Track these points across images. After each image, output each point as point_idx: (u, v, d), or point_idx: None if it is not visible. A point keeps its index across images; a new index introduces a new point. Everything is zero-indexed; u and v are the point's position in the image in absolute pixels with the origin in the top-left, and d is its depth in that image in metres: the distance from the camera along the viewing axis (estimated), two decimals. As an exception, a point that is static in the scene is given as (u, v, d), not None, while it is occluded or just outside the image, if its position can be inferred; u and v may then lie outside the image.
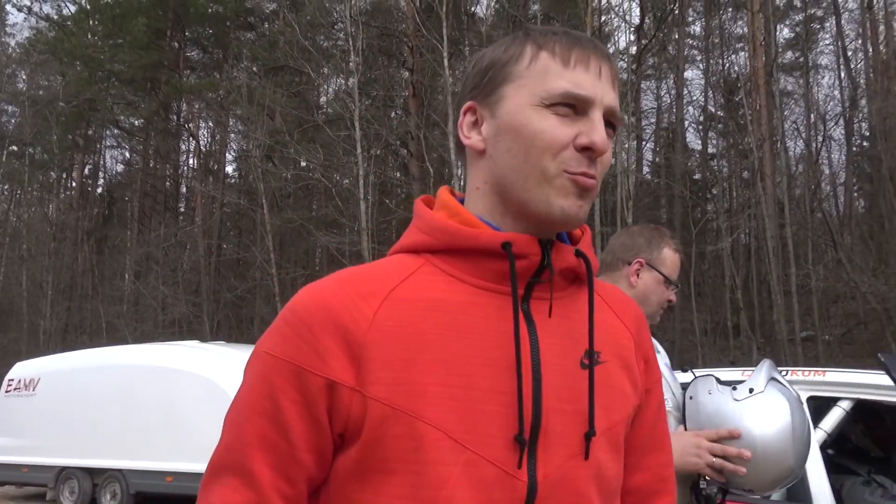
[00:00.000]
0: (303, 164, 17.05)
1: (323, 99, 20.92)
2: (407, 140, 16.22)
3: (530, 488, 0.73)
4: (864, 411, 2.86)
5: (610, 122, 0.80)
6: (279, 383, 0.74)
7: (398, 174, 18.51)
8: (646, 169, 22.99)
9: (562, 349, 0.79)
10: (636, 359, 0.87)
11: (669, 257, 1.94)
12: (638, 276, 1.91)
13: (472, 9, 19.83)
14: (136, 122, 24.62)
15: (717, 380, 1.64)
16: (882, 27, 18.80)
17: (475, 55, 0.87)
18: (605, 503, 0.80)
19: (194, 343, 9.07)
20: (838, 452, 3.00)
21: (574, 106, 0.77)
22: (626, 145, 17.86)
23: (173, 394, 7.80)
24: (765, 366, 1.66)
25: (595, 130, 0.77)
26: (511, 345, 0.75)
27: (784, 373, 3.04)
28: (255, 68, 19.99)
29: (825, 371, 2.82)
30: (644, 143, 22.84)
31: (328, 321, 0.74)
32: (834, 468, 2.98)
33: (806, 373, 2.92)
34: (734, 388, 1.62)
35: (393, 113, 17.52)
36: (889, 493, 2.93)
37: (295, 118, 17.16)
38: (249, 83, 17.73)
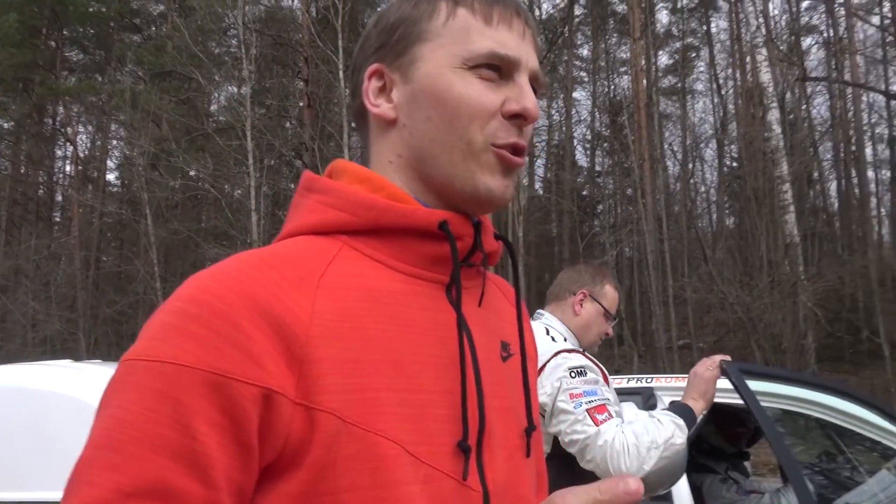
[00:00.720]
0: (192, 173, 16.44)
1: (214, 107, 20.28)
2: (301, 151, 15.99)
3: (485, 497, 0.65)
4: (717, 412, 3.14)
5: (534, 88, 0.72)
6: (191, 402, 0.54)
7: (292, 185, 18.20)
8: (537, 184, 23.82)
9: (487, 342, 0.72)
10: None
11: (610, 293, 2.20)
12: (582, 305, 2.16)
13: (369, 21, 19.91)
14: (6, 124, 22.86)
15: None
16: (749, 58, 20.46)
17: (377, 13, 0.76)
18: (537, 499, 0.75)
19: (67, 362, 8.49)
20: (698, 452, 3.26)
21: (499, 69, 0.69)
22: (519, 161, 18.47)
23: (43, 418, 7.28)
24: None
25: (525, 96, 0.69)
26: (453, 340, 0.67)
27: (650, 380, 3.28)
28: (140, 72, 19.10)
29: (685, 377, 3.06)
30: (535, 159, 23.66)
31: (257, 314, 0.58)
32: (695, 467, 3.23)
33: (668, 379, 3.17)
34: None
35: (287, 123, 17.24)
36: (742, 489, 3.21)
37: (183, 126, 16.52)
38: (134, 87, 16.92)
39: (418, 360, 0.64)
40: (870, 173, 19.76)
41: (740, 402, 2.31)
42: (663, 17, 23.95)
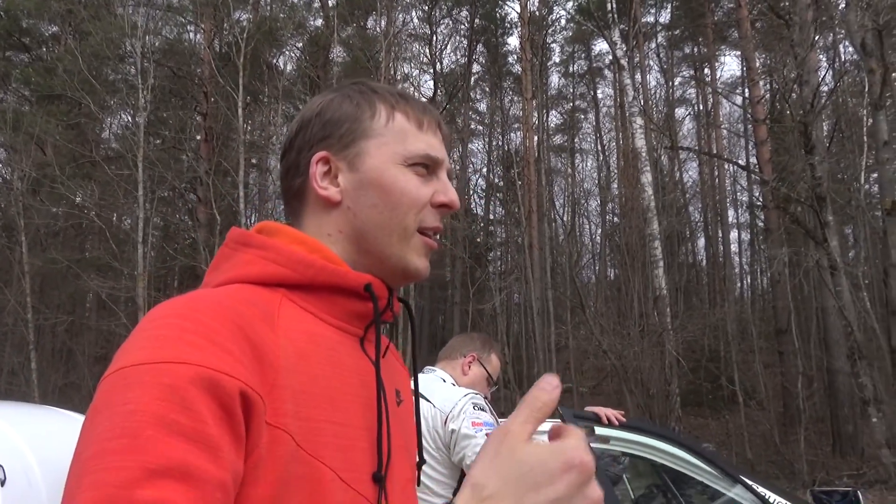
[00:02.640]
0: (77, 200, 15.80)
1: (105, 134, 19.64)
2: (196, 185, 15.79)
3: None
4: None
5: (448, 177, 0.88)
6: (195, 393, 0.58)
7: (186, 218, 17.83)
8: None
9: (389, 388, 0.82)
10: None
11: (495, 361, 2.62)
12: (470, 367, 2.56)
13: (274, 61, 20.09)
14: None
15: None
16: (629, 123, 22.17)
17: (310, 105, 0.86)
18: None
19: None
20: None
21: (428, 166, 0.83)
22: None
23: None
24: None
25: (450, 189, 0.84)
26: (372, 384, 0.77)
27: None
28: (27, 93, 18.29)
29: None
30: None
31: (240, 337, 0.64)
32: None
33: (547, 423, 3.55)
34: None
35: (183, 156, 16.99)
36: None
37: (70, 152, 15.92)
38: (17, 108, 16.19)
39: (347, 399, 0.73)
40: (732, 234, 21.75)
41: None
42: (556, 79, 25.64)
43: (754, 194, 18.62)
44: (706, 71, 22.88)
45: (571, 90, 24.66)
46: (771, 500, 2.75)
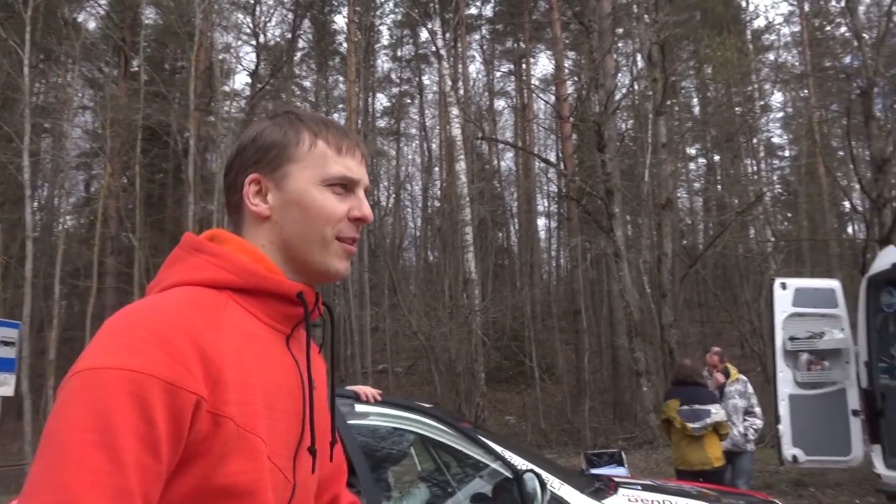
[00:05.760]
0: None
1: None
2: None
3: (294, 489, 0.91)
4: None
5: (365, 192, 1.01)
6: (154, 402, 0.75)
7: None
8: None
9: (314, 378, 0.97)
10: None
11: None
12: None
13: (74, 16, 18.26)
14: None
15: None
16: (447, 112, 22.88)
17: (248, 132, 1.01)
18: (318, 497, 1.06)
19: None
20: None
21: (345, 185, 0.97)
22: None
23: None
24: None
25: (364, 205, 0.98)
26: (296, 376, 0.93)
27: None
28: None
29: None
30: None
31: (190, 342, 0.79)
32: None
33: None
34: None
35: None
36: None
37: None
38: None
39: (275, 388, 0.89)
40: (541, 221, 23.32)
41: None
42: (384, 62, 25.75)
43: (560, 186, 20.09)
44: (524, 66, 24.18)
45: (399, 75, 24.90)
46: (525, 469, 3.03)
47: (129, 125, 15.20)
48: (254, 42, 21.37)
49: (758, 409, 6.50)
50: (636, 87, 18.33)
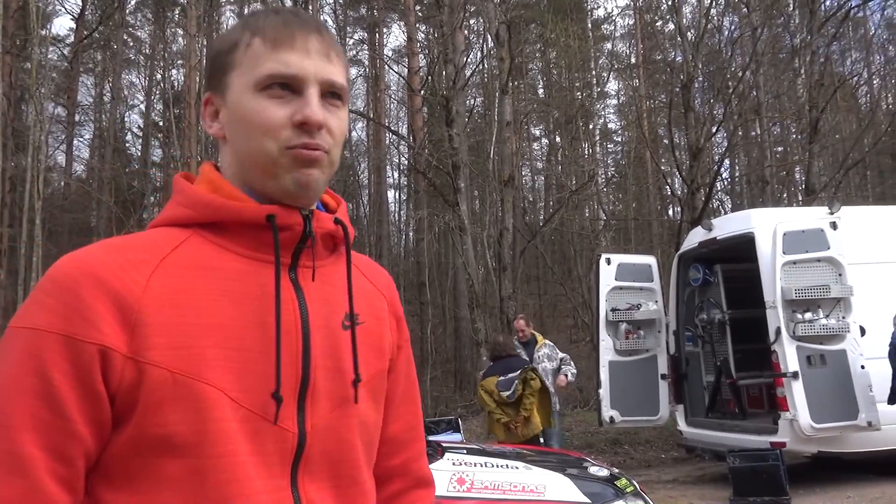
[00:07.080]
0: None
1: None
2: None
3: (300, 438, 0.80)
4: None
5: (335, 93, 0.83)
6: (48, 357, 0.71)
7: None
8: (80, 168, 21.64)
9: (327, 312, 0.84)
10: (389, 319, 0.95)
11: None
12: None
13: None
14: None
15: None
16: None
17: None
18: (366, 449, 0.88)
19: None
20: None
21: (286, 85, 0.80)
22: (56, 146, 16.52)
23: None
24: None
25: (307, 105, 0.79)
26: (294, 309, 0.81)
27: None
28: None
29: None
30: (81, 140, 21.48)
31: (96, 287, 0.73)
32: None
33: None
34: None
35: None
36: None
37: None
38: None
39: (247, 326, 0.78)
40: (391, 194, 23.38)
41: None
42: (231, 20, 24.31)
43: (410, 159, 20.22)
44: (377, 36, 23.91)
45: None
46: None
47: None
48: (79, -17, 19.31)
49: (571, 365, 7.08)
50: (485, 64, 18.75)
